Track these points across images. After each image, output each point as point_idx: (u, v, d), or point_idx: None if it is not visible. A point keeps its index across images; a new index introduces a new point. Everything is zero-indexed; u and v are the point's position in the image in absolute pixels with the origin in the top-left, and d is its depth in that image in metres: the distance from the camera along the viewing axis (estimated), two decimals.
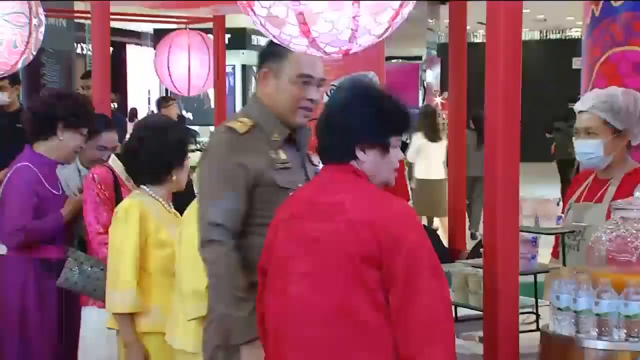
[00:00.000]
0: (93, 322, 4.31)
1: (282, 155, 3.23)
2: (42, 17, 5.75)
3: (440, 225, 11.03)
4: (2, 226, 4.48)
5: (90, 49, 5.84)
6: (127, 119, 12.37)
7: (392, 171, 2.92)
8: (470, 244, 5.28)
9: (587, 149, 3.88)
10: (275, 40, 2.98)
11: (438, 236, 5.15)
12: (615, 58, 5.22)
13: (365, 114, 2.83)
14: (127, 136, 4.45)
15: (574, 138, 4.01)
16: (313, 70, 3.27)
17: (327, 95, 4.27)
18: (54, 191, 4.59)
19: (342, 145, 2.83)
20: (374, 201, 2.78)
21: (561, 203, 4.16)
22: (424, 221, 11.33)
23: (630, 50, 5.16)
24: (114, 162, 4.39)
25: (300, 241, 2.78)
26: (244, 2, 2.81)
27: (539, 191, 12.54)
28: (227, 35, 8.88)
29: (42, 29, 5.73)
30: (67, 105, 4.58)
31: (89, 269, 4.20)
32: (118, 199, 4.27)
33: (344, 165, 2.83)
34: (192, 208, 3.51)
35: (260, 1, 2.74)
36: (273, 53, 3.26)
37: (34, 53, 5.68)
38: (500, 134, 2.95)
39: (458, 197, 5.36)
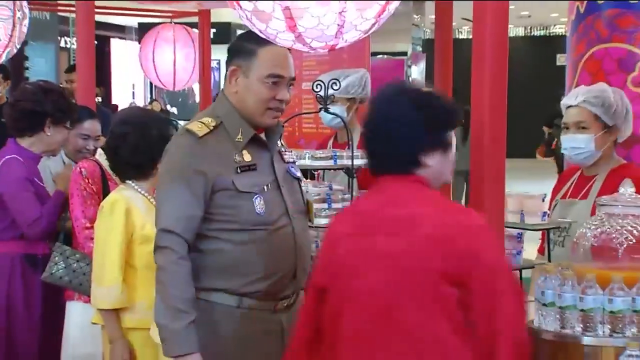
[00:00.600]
0: (78, 317, 4.29)
1: (247, 157, 3.08)
2: (26, 10, 5.77)
3: None
4: (17, 221, 4.44)
5: (75, 43, 5.80)
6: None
7: (452, 169, 2.80)
8: None
9: (578, 144, 3.89)
10: (261, 35, 2.96)
11: None
12: (599, 54, 5.24)
13: (422, 118, 2.67)
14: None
15: (562, 133, 4.04)
16: (283, 70, 3.12)
17: (315, 91, 4.26)
18: (40, 183, 4.57)
19: (406, 155, 2.66)
20: (450, 214, 2.65)
21: (547, 199, 4.17)
22: None
23: (614, 47, 5.18)
24: (101, 156, 4.33)
25: (369, 257, 2.58)
26: None
27: (524, 187, 12.56)
28: (213, 30, 8.86)
29: (26, 22, 5.75)
30: (53, 100, 4.56)
31: (75, 263, 4.18)
32: (105, 193, 4.23)
33: (408, 176, 2.66)
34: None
35: None
36: (242, 50, 3.12)
37: (18, 46, 5.69)
38: (487, 130, 2.97)
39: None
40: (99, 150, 4.45)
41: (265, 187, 3.07)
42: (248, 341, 3.07)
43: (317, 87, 4.13)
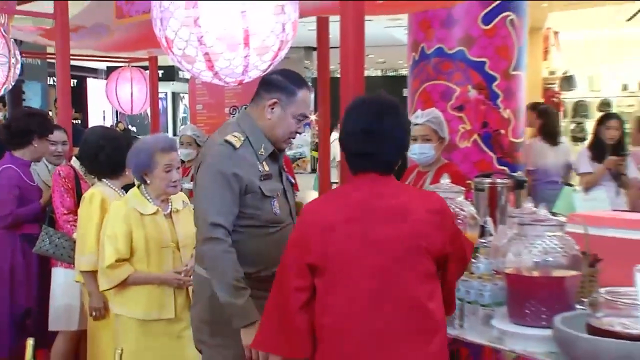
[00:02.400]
0: (60, 278, 4.27)
1: (266, 167, 2.80)
2: (19, 57, 5.71)
3: None
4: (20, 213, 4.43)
5: None
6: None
7: None
8: None
9: (424, 150, 4.00)
10: (190, 73, 2.93)
11: None
12: (429, 88, 5.39)
13: (408, 128, 2.46)
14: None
15: (411, 143, 4.14)
16: (309, 112, 2.89)
17: (232, 114, 4.29)
18: (31, 183, 4.54)
19: (396, 155, 2.40)
20: (428, 201, 2.36)
21: None
22: None
23: (438, 84, 5.34)
24: (75, 162, 4.33)
25: (367, 241, 2.26)
26: (165, 46, 2.81)
27: None
28: (160, 71, 8.81)
29: (19, 65, 5.70)
30: (38, 121, 4.55)
31: (57, 240, 4.17)
32: (78, 189, 4.22)
33: (389, 174, 2.39)
34: (112, 207, 3.50)
35: (176, 45, 2.74)
36: (285, 87, 2.79)
37: (13, 83, 5.63)
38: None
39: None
40: (73, 158, 4.42)
41: (278, 193, 2.85)
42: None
43: (233, 111, 4.19)
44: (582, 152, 6.25)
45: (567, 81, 11.86)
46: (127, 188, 4.11)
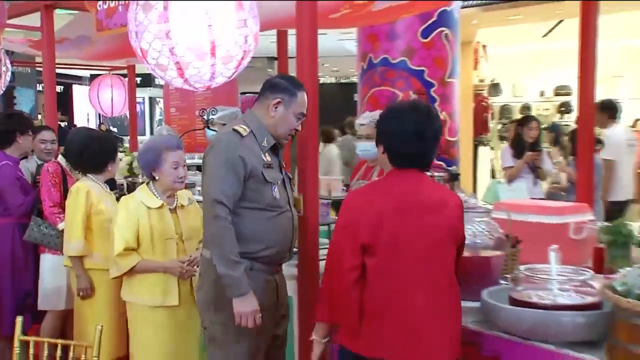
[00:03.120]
0: (48, 263, 4.19)
1: (268, 158, 2.73)
2: (9, 65, 5.58)
3: None
4: (9, 205, 4.34)
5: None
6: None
7: None
8: None
9: (369, 148, 3.79)
10: (163, 80, 2.90)
11: None
12: (376, 93, 5.44)
13: (441, 133, 2.42)
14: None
15: (357, 141, 4.10)
16: (305, 111, 2.81)
17: (201, 116, 4.23)
18: (24, 177, 4.48)
19: (432, 158, 2.37)
20: (454, 195, 2.40)
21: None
22: None
23: (384, 89, 5.40)
24: (62, 159, 4.23)
25: (415, 227, 2.23)
26: (140, 56, 2.79)
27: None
28: (138, 78, 8.69)
29: (9, 73, 5.57)
30: (17, 120, 4.55)
31: (45, 229, 4.09)
32: (64, 184, 4.13)
33: (427, 169, 2.38)
34: (121, 200, 3.40)
35: (150, 55, 2.72)
36: (287, 89, 2.75)
37: (3, 89, 5.50)
38: (309, 141, 2.99)
39: None
40: (60, 155, 4.32)
41: (279, 181, 2.77)
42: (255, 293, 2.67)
43: (202, 113, 4.15)
44: (505, 149, 6.32)
45: (494, 88, 12.04)
46: (110, 183, 4.09)
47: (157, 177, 3.33)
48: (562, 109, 11.36)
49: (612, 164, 6.10)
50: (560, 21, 10.48)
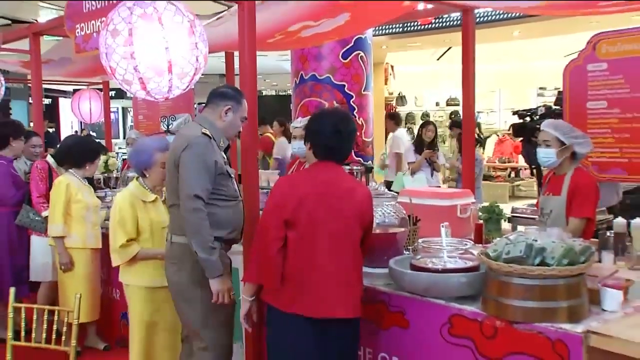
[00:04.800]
0: (37, 244, 4.10)
1: (224, 156, 2.65)
2: (3, 82, 5.50)
3: None
4: (4, 196, 4.17)
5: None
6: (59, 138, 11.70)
7: None
8: None
9: (300, 146, 3.58)
10: (130, 92, 2.79)
11: None
12: (307, 103, 5.42)
13: (356, 130, 2.39)
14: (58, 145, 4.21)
15: (292, 141, 3.95)
16: (246, 115, 2.71)
17: (162, 121, 4.13)
18: (16, 173, 4.32)
19: (350, 150, 2.35)
20: (362, 186, 2.37)
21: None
22: None
23: (313, 100, 5.38)
24: (50, 159, 4.17)
25: (329, 210, 2.19)
26: (110, 72, 2.71)
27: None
28: (112, 91, 8.44)
29: (3, 88, 5.50)
30: (11, 127, 4.39)
31: (32, 215, 4.02)
32: (50, 179, 4.03)
33: (342, 163, 2.36)
34: (118, 197, 3.12)
35: (118, 72, 2.65)
36: (234, 97, 2.62)
37: None
38: (249, 147, 2.89)
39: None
40: (48, 155, 4.26)
41: (233, 176, 2.66)
42: None
43: (163, 119, 4.04)
44: (408, 148, 6.40)
45: (401, 99, 12.25)
46: (88, 180, 4.02)
47: (147, 175, 3.12)
48: (453, 116, 11.66)
49: (400, 155, 6.38)
50: (449, 48, 10.76)
